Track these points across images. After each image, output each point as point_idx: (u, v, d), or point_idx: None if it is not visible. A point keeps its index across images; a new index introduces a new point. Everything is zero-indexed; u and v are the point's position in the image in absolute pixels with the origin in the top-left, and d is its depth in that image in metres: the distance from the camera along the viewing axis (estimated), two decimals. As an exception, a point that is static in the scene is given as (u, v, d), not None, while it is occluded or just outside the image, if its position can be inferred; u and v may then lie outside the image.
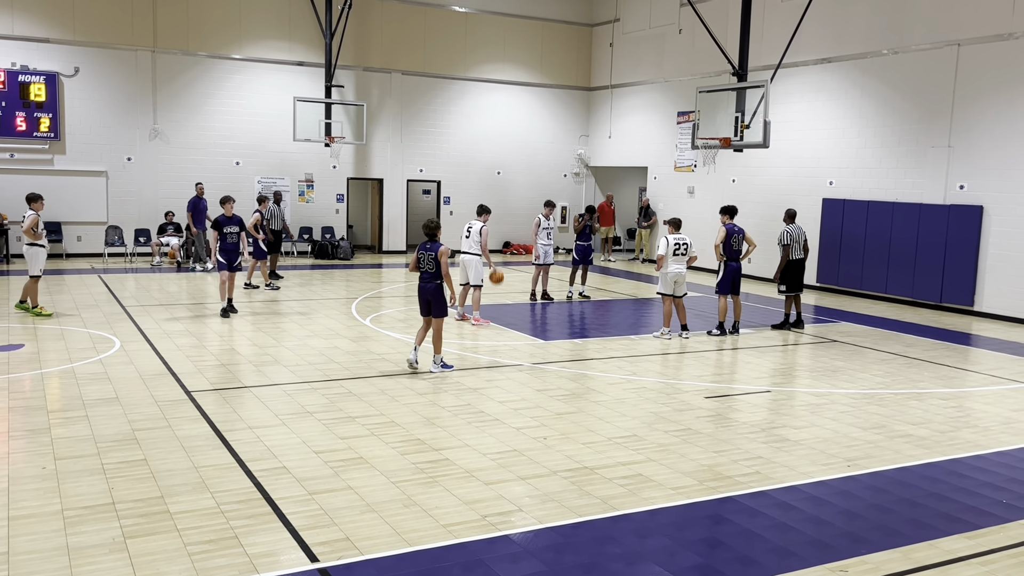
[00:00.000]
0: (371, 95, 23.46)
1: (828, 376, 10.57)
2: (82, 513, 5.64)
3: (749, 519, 5.94)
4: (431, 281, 9.88)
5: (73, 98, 20.23)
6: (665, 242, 12.52)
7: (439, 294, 9.89)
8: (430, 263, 9.85)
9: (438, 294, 9.89)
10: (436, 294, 9.88)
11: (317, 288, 17.04)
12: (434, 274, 9.86)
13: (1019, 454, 7.64)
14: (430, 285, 9.88)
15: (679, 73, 22.71)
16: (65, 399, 8.42)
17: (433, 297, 9.89)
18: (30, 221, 12.55)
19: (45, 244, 13.03)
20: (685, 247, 12.60)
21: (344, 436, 7.48)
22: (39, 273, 12.85)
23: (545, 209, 15.88)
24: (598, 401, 8.97)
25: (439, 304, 9.91)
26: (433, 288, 9.87)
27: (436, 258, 9.80)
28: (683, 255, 12.59)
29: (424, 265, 9.91)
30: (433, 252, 9.83)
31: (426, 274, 9.91)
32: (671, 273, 12.53)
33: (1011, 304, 15.18)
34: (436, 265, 9.82)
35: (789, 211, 13.99)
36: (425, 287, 9.92)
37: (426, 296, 9.92)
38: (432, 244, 9.92)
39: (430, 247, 9.90)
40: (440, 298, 9.90)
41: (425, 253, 9.89)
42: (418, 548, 5.28)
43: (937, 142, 16.30)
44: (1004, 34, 15.09)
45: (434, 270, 9.85)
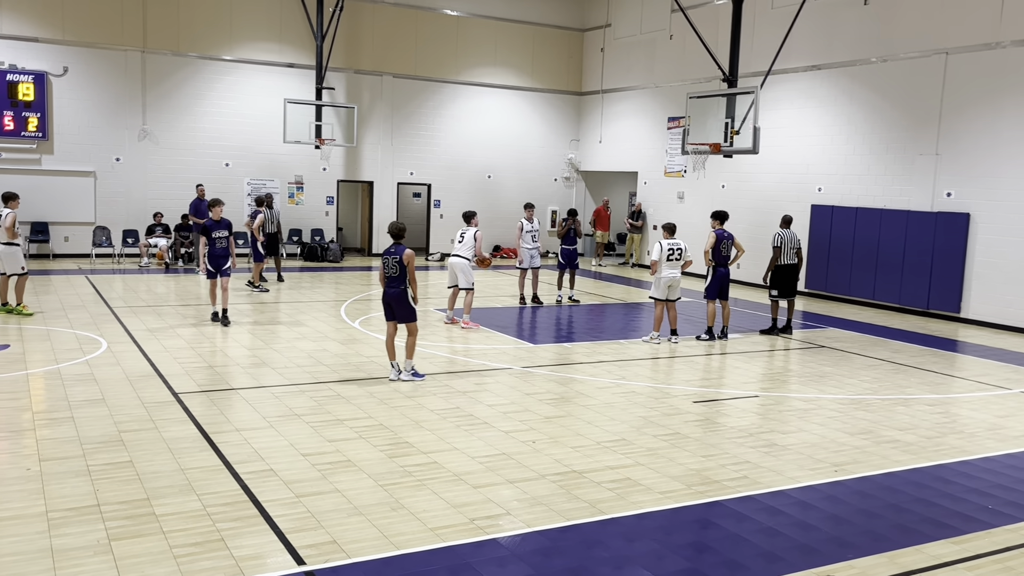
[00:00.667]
0: (362, 97, 23.44)
1: (816, 381, 10.60)
2: (67, 515, 5.60)
3: (737, 523, 5.95)
4: (395, 286, 9.54)
5: (62, 98, 20.12)
6: (659, 247, 12.54)
7: (403, 299, 9.55)
8: (394, 267, 9.49)
9: (402, 299, 9.55)
10: (400, 299, 9.55)
11: (306, 290, 16.99)
12: (398, 279, 9.51)
13: (1004, 460, 7.69)
14: (393, 290, 9.55)
15: (670, 79, 22.78)
16: (50, 400, 8.37)
17: (396, 302, 9.58)
18: (10, 220, 12.49)
19: (20, 243, 13.01)
20: (679, 252, 12.63)
21: (332, 439, 7.46)
22: (22, 271, 12.78)
23: (526, 212, 15.76)
24: (587, 405, 8.97)
25: (405, 310, 9.58)
26: (397, 293, 9.54)
27: (400, 262, 9.44)
28: (677, 260, 12.61)
29: (388, 269, 9.55)
30: (398, 256, 9.45)
31: (389, 279, 9.56)
32: (665, 278, 12.55)
33: (997, 311, 15.28)
34: (400, 269, 9.46)
35: (786, 217, 14.08)
36: (388, 291, 9.61)
37: (389, 300, 9.63)
38: (397, 247, 9.55)
39: (395, 251, 9.52)
40: (404, 303, 9.56)
41: (389, 257, 9.52)
42: (405, 551, 5.26)
43: (925, 150, 16.41)
44: (991, 43, 15.21)
45: (398, 274, 9.49)
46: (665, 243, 12.55)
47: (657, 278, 12.59)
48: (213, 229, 12.87)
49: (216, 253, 12.81)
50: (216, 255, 12.81)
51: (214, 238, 12.83)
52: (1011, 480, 7.12)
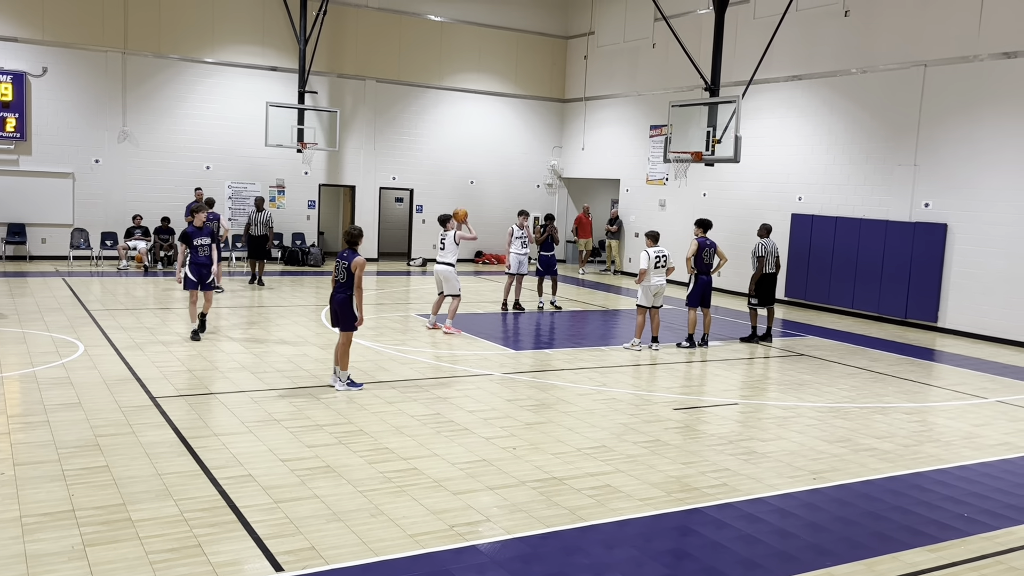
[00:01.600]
0: (345, 102, 23.38)
1: (795, 389, 10.67)
2: (41, 520, 5.53)
3: (716, 531, 5.97)
4: (341, 292, 9.35)
5: (40, 98, 19.93)
6: (647, 256, 12.55)
7: (347, 306, 9.33)
8: (342, 273, 9.31)
9: (346, 306, 9.33)
10: (344, 306, 9.34)
11: (287, 295, 16.90)
12: (346, 284, 9.31)
13: (980, 468, 7.76)
14: (339, 296, 9.35)
15: (652, 87, 22.90)
16: (26, 404, 8.26)
17: (340, 308, 9.36)
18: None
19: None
20: (665, 259, 12.70)
21: (311, 444, 7.41)
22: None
23: (519, 218, 15.90)
24: (567, 412, 8.97)
25: (346, 317, 9.37)
26: (342, 299, 9.34)
27: (349, 268, 9.25)
28: (663, 267, 12.68)
29: (337, 274, 9.37)
30: (348, 262, 9.26)
31: (337, 283, 9.38)
32: (653, 285, 12.59)
33: (973, 321, 15.45)
34: (348, 275, 9.27)
35: (765, 225, 14.19)
36: (334, 296, 9.37)
37: (334, 306, 9.43)
38: (349, 253, 9.34)
39: (346, 256, 9.31)
40: (347, 311, 9.33)
41: (340, 262, 9.33)
42: (384, 558, 5.24)
43: (903, 160, 16.58)
44: (969, 56, 15.40)
45: (345, 280, 9.30)
46: (651, 251, 12.59)
47: (645, 286, 12.61)
48: (195, 236, 11.89)
49: (199, 261, 11.82)
50: (199, 263, 11.83)
51: (196, 246, 11.85)
52: (986, 488, 7.19)
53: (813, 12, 18.29)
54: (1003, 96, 14.92)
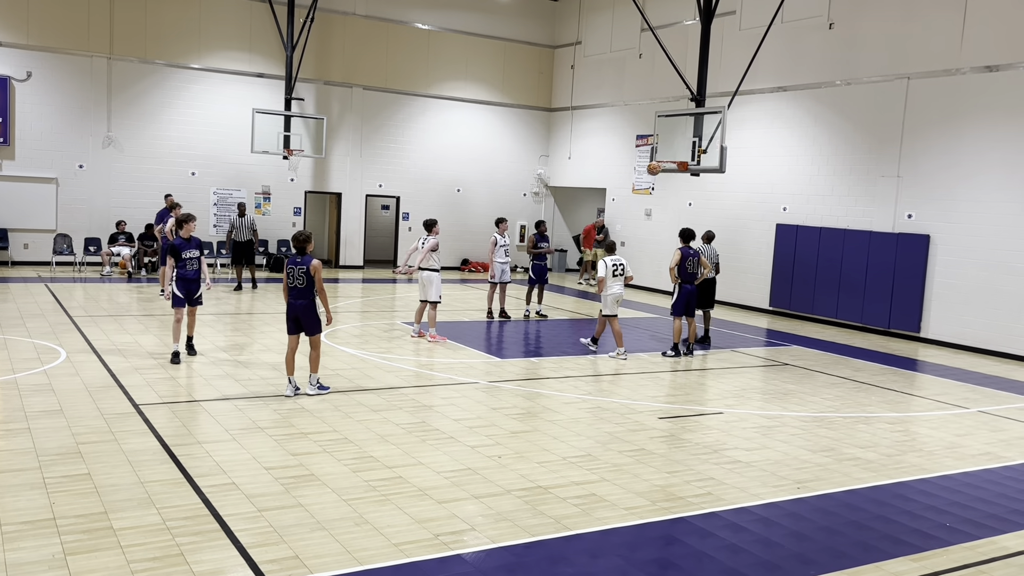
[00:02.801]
0: (331, 109, 23.36)
1: (779, 399, 10.72)
2: (21, 528, 5.48)
3: (700, 540, 5.98)
4: (301, 297, 9.33)
5: (24, 103, 19.80)
6: (604, 265, 12.75)
7: (310, 311, 9.34)
8: (300, 278, 9.28)
9: (309, 311, 9.34)
10: (307, 311, 9.34)
11: (271, 301, 16.83)
12: (304, 290, 9.30)
13: (962, 478, 7.82)
14: (300, 302, 9.32)
15: (639, 97, 23.00)
16: (6, 411, 8.18)
17: (303, 314, 9.35)
18: None
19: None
20: (623, 267, 12.87)
21: (296, 452, 7.38)
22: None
23: (499, 227, 15.82)
24: (553, 420, 8.97)
25: (311, 321, 9.37)
26: (303, 305, 9.32)
27: (307, 272, 9.23)
28: (621, 275, 12.84)
29: (293, 280, 9.33)
30: (304, 266, 9.24)
31: (295, 290, 9.33)
32: (613, 293, 12.76)
33: (955, 331, 15.57)
34: (307, 280, 9.26)
35: (708, 233, 14.95)
36: (295, 304, 9.30)
37: (295, 313, 9.32)
38: (303, 258, 9.31)
39: (300, 261, 9.29)
40: (312, 315, 9.35)
41: (295, 267, 9.29)
42: (369, 567, 5.22)
43: (887, 172, 16.72)
44: (951, 69, 15.57)
45: (304, 285, 9.28)
46: (608, 260, 12.77)
47: (605, 295, 12.80)
48: (183, 249, 11.01)
49: (188, 276, 11.01)
50: (188, 278, 11.01)
51: (185, 259, 11.00)
52: (968, 498, 7.24)
53: (798, 24, 18.44)
54: (985, 109, 15.09)
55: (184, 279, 11.00)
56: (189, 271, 11.03)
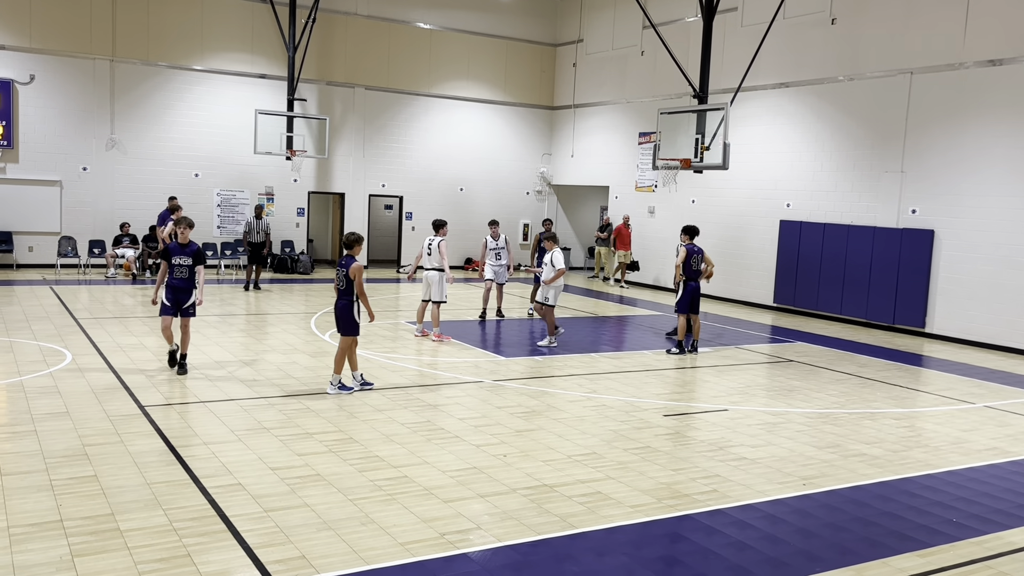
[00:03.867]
0: (334, 109, 23.37)
1: (784, 395, 10.71)
2: (29, 530, 5.49)
3: (706, 537, 5.98)
4: (340, 298, 9.54)
5: (28, 106, 19.85)
6: (561, 256, 13.05)
7: (347, 312, 9.50)
8: (341, 280, 9.48)
9: (345, 312, 9.51)
10: (344, 311, 9.52)
11: (276, 302, 16.86)
12: (344, 291, 9.48)
13: (968, 473, 7.81)
14: (340, 302, 9.56)
15: (641, 94, 22.98)
16: (12, 413, 8.21)
17: (340, 314, 9.56)
18: None
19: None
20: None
21: (301, 453, 7.39)
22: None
23: (491, 229, 15.64)
24: (557, 419, 8.98)
25: (345, 322, 9.53)
26: (342, 305, 9.52)
27: (348, 275, 9.40)
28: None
29: (337, 281, 9.57)
30: (345, 269, 9.43)
31: (339, 291, 9.57)
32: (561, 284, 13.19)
33: (961, 326, 15.54)
34: (347, 282, 9.43)
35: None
36: (336, 303, 9.65)
37: (336, 313, 9.65)
38: (347, 259, 9.51)
39: (344, 263, 9.49)
40: (347, 316, 9.50)
41: (339, 269, 9.52)
42: (375, 567, 5.22)
43: (890, 167, 16.69)
44: (955, 63, 15.53)
45: (344, 287, 9.47)
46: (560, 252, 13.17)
47: (556, 286, 13.07)
48: (174, 254, 10.16)
49: (174, 284, 10.10)
50: (174, 287, 10.10)
51: (173, 265, 10.11)
52: (974, 493, 7.23)
53: (800, 20, 18.40)
54: (988, 103, 15.05)
55: (170, 287, 10.11)
56: (175, 279, 10.11)
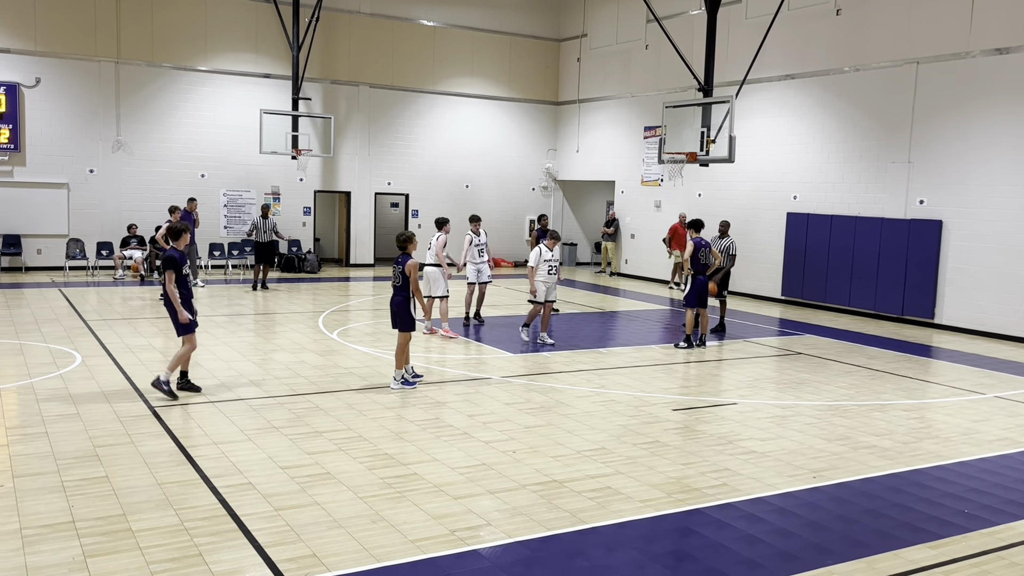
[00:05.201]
0: (339, 108, 23.39)
1: (793, 388, 10.68)
2: (41, 532, 5.52)
3: (717, 531, 5.97)
4: (396, 295, 9.87)
5: (34, 109, 19.91)
6: (538, 253, 12.85)
7: (403, 308, 9.84)
8: (397, 277, 9.84)
9: (402, 308, 9.84)
10: (400, 308, 9.84)
11: (283, 301, 16.89)
12: (401, 288, 9.82)
13: (979, 464, 7.78)
14: (396, 298, 9.88)
15: (646, 88, 22.93)
16: (24, 415, 8.24)
17: (397, 310, 9.87)
18: None
19: None
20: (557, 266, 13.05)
21: (311, 451, 7.40)
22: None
23: (472, 225, 14.56)
24: (567, 414, 8.97)
25: (402, 318, 9.85)
26: (398, 302, 9.85)
27: (404, 272, 9.76)
28: (556, 273, 12.97)
29: (393, 279, 9.92)
30: (401, 266, 9.80)
31: (395, 288, 9.91)
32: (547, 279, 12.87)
33: (970, 317, 15.47)
34: (403, 279, 9.78)
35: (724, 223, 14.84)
36: (392, 300, 9.94)
37: (392, 308, 9.95)
38: (402, 257, 9.88)
39: (400, 260, 9.86)
40: (404, 313, 9.83)
41: (395, 267, 9.89)
42: (386, 564, 5.23)
43: (897, 158, 16.62)
44: (961, 52, 15.45)
45: (400, 284, 9.81)
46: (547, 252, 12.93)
47: (546, 281, 12.92)
48: (183, 263, 9.13)
49: (188, 296, 9.24)
50: (189, 298, 9.25)
51: (185, 275, 9.16)
52: (986, 484, 7.20)
53: (805, 11, 18.33)
54: (995, 92, 14.97)
55: (188, 300, 9.14)
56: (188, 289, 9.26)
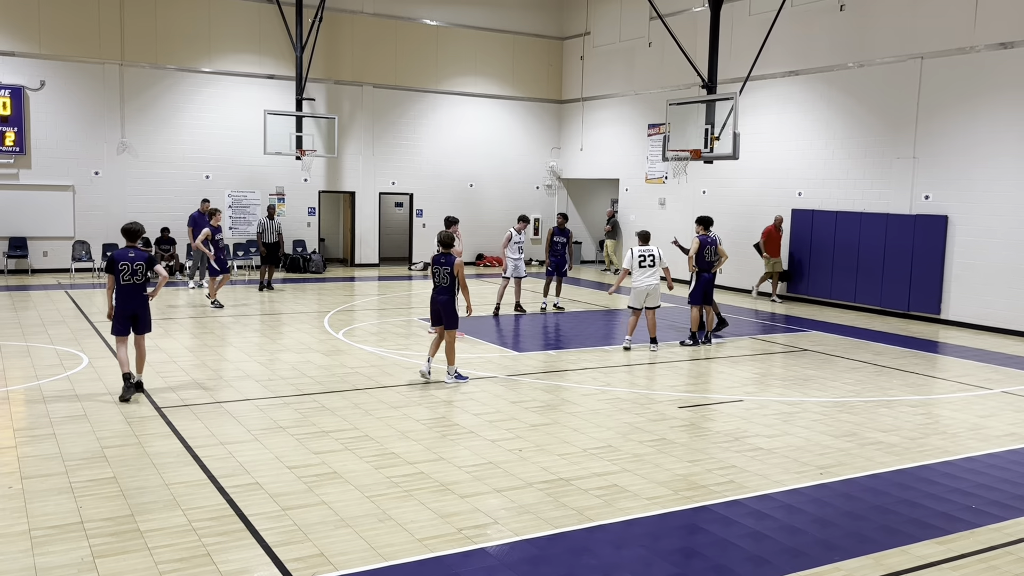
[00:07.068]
0: (342, 108, 23.40)
1: (800, 385, 10.66)
2: (50, 533, 5.54)
3: (724, 528, 5.96)
4: (443, 294, 10.01)
5: (39, 112, 19.96)
6: (629, 255, 12.52)
7: (450, 306, 10.00)
8: (444, 277, 9.96)
9: (449, 306, 9.99)
10: (447, 306, 9.99)
11: (289, 302, 16.91)
12: (448, 287, 9.98)
13: (986, 460, 7.76)
14: (442, 297, 10.02)
15: (649, 86, 22.90)
16: (31, 417, 8.27)
17: (444, 309, 10.00)
18: None
19: None
20: (652, 259, 12.53)
21: (318, 451, 7.42)
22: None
23: (518, 224, 15.82)
24: (573, 412, 8.97)
25: (449, 316, 10.00)
26: (445, 300, 9.99)
27: (452, 272, 9.90)
28: (650, 267, 12.50)
29: (438, 279, 10.02)
30: (448, 266, 9.92)
31: (439, 287, 10.05)
32: (644, 286, 12.50)
33: (976, 312, 15.43)
34: (450, 279, 9.93)
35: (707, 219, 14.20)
36: (438, 298, 10.06)
37: (437, 307, 10.07)
38: (446, 257, 10.01)
39: (444, 261, 10.00)
40: (450, 311, 9.99)
41: (440, 268, 10.00)
42: (393, 563, 5.24)
43: (902, 153, 16.58)
44: (966, 47, 15.40)
45: (448, 283, 9.96)
46: (636, 250, 12.52)
47: (633, 287, 12.56)
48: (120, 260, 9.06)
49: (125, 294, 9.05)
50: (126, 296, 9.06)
51: (120, 269, 9.02)
52: (993, 479, 7.19)
53: (808, 7, 18.29)
54: (1000, 86, 14.92)
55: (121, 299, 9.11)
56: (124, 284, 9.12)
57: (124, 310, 9.06)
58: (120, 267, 9.01)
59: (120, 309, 9.05)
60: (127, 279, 9.04)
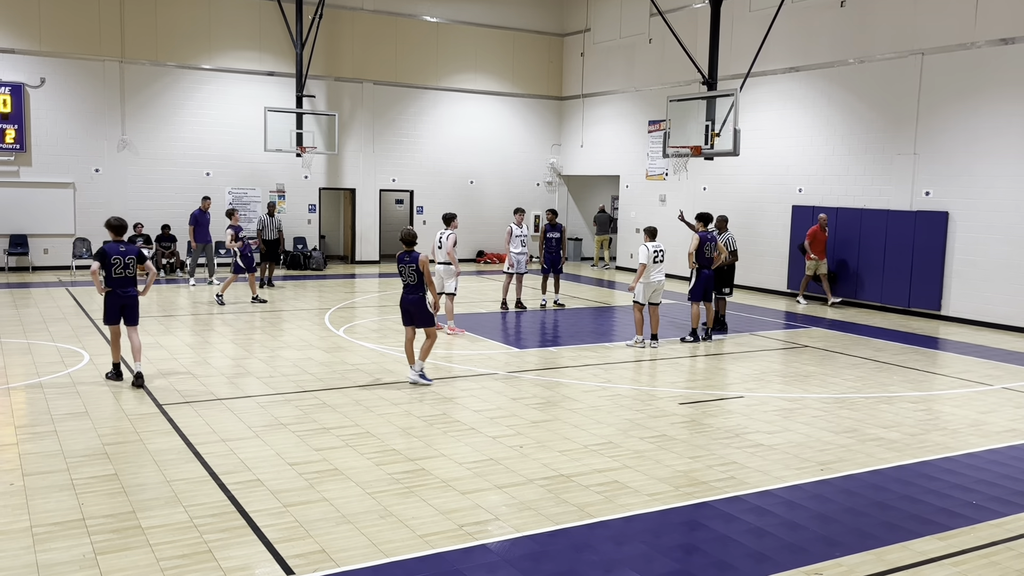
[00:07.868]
0: (343, 105, 23.39)
1: (800, 381, 10.67)
2: (52, 529, 5.55)
3: (725, 524, 5.97)
4: (413, 293, 9.73)
5: (39, 109, 19.96)
6: (646, 251, 12.48)
7: (422, 305, 9.76)
8: (411, 275, 9.66)
9: (421, 305, 9.75)
10: (419, 305, 9.75)
11: (289, 299, 16.92)
12: (416, 286, 9.70)
13: (987, 455, 7.76)
14: (412, 296, 9.74)
15: (650, 82, 22.89)
16: (33, 414, 8.28)
17: (416, 309, 9.77)
18: None
19: None
20: (663, 254, 12.64)
21: (319, 447, 7.43)
22: None
23: (516, 216, 15.85)
24: (573, 409, 8.98)
25: (423, 315, 9.77)
26: (416, 300, 9.74)
27: (418, 270, 9.61)
28: (661, 262, 12.60)
29: (406, 278, 9.73)
30: (414, 264, 9.62)
31: (408, 286, 9.76)
32: (652, 282, 12.51)
33: (977, 308, 15.43)
34: (418, 277, 9.65)
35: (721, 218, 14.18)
36: (407, 298, 9.80)
37: (407, 307, 9.82)
38: (411, 255, 9.70)
39: (409, 259, 9.68)
40: (423, 309, 9.76)
41: (405, 266, 9.69)
42: (394, 559, 5.25)
43: (903, 149, 16.56)
44: (966, 43, 15.38)
45: (416, 282, 9.68)
46: (650, 246, 12.52)
47: (645, 283, 12.54)
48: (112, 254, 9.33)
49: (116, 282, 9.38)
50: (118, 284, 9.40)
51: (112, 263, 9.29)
52: (994, 475, 7.19)
53: (809, 3, 18.27)
54: (1001, 82, 14.90)
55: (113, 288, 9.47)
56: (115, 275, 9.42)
57: (115, 302, 9.47)
58: (112, 260, 9.34)
59: (111, 301, 9.46)
60: (119, 272, 9.40)
